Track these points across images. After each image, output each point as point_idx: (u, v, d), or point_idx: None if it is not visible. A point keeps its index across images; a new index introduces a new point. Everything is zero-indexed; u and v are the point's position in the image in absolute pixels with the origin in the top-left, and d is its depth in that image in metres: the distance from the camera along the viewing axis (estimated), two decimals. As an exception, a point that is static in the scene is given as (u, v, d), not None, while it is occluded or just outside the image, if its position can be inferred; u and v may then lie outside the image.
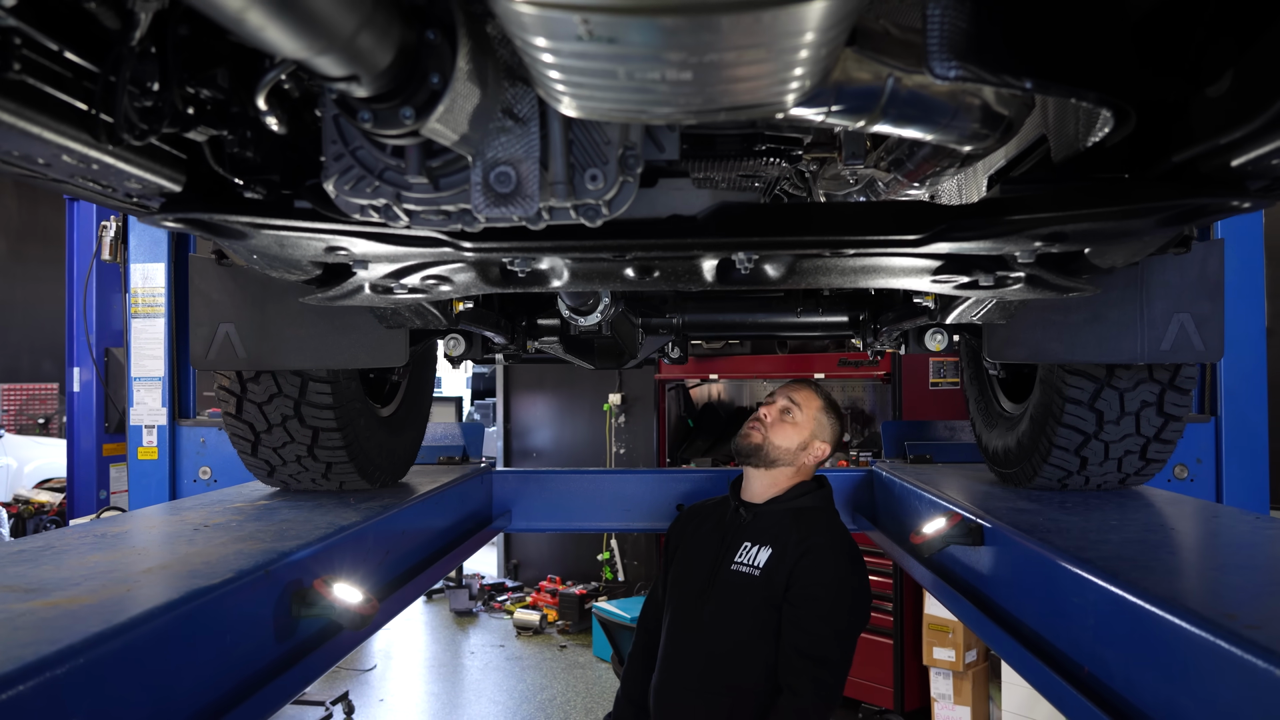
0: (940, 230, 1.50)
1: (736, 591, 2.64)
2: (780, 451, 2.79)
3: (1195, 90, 1.26)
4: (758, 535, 2.71)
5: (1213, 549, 2.18)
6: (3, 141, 1.10)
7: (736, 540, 2.74)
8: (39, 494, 8.77)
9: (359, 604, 1.89)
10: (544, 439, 10.08)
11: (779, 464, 2.80)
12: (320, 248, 1.59)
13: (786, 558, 2.62)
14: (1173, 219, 1.41)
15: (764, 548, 2.67)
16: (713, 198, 1.52)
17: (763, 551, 2.67)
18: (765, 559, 2.65)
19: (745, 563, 2.67)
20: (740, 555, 2.69)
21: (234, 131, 1.33)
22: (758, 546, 2.68)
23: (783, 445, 2.79)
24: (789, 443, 2.79)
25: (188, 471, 3.97)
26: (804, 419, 2.81)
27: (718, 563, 2.72)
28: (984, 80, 1.09)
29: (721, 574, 2.70)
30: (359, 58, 0.89)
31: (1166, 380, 2.49)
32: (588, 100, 0.99)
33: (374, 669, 7.50)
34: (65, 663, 1.18)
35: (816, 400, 2.86)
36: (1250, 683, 1.24)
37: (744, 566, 2.66)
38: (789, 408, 2.81)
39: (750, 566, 2.65)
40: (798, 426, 2.80)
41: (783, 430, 2.79)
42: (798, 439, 2.80)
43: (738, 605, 2.64)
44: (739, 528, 2.77)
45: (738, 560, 2.69)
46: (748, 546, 2.70)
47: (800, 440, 2.80)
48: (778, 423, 2.80)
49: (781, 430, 2.79)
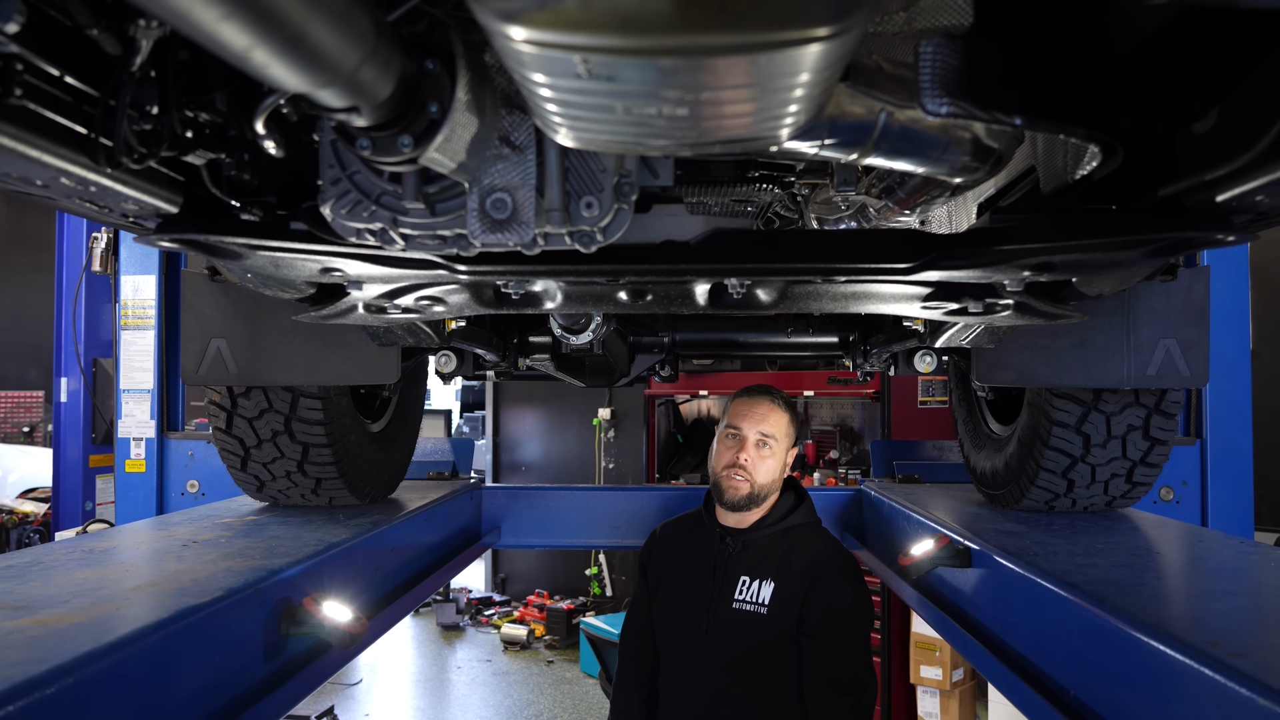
0: (930, 259, 1.52)
1: (744, 631, 2.49)
2: (769, 487, 2.63)
3: (1181, 127, 1.28)
4: (754, 568, 2.56)
5: (1197, 574, 2.19)
6: (2, 165, 1.10)
7: (731, 574, 2.58)
8: (23, 504, 8.69)
9: (348, 622, 1.89)
10: (533, 453, 10.07)
11: (768, 497, 2.65)
12: (315, 269, 1.59)
13: (792, 589, 2.49)
14: (1159, 251, 1.43)
15: (765, 581, 2.52)
16: (706, 224, 1.53)
17: (765, 586, 2.51)
18: (769, 594, 2.50)
19: (749, 600, 2.51)
20: (741, 592, 2.53)
21: (232, 154, 1.34)
22: (758, 581, 2.53)
23: (769, 481, 2.62)
24: (773, 474, 2.63)
25: (175, 484, 3.96)
26: (779, 445, 2.63)
27: (714, 601, 2.56)
28: (974, 116, 1.11)
29: (722, 613, 2.53)
30: (360, 90, 0.90)
31: (1152, 405, 2.51)
32: (585, 132, 1.01)
33: (360, 683, 7.46)
34: (55, 683, 1.18)
35: (783, 415, 2.66)
36: (1232, 710, 1.25)
37: (747, 604, 2.51)
38: (763, 441, 2.61)
39: (756, 604, 2.50)
40: (776, 455, 2.63)
41: (765, 467, 2.61)
42: (778, 466, 2.64)
43: (747, 646, 2.49)
44: (729, 559, 2.60)
45: (739, 598, 2.52)
46: (746, 581, 2.54)
47: (780, 464, 2.65)
48: (758, 461, 2.60)
49: (764, 467, 2.60)
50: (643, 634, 2.75)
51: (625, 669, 2.81)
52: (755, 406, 2.64)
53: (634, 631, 2.80)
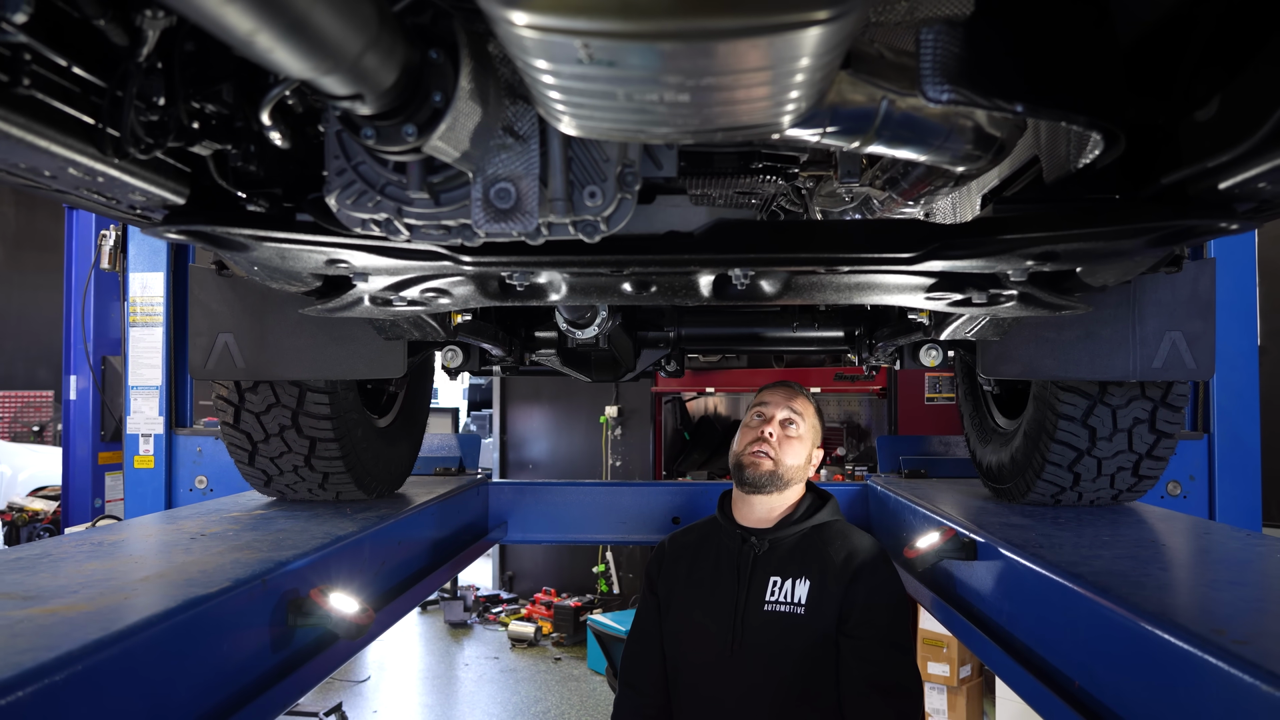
0: (934, 249, 1.52)
1: (780, 634, 2.30)
2: (794, 471, 2.47)
3: (1184, 115, 1.28)
4: (784, 567, 2.37)
5: (1203, 565, 2.19)
6: (11, 154, 1.11)
7: (759, 575, 2.38)
8: (33, 502, 8.74)
9: (355, 613, 1.90)
10: (540, 451, 10.09)
11: (791, 484, 2.48)
12: (321, 260, 1.60)
13: (829, 586, 2.31)
14: (1162, 240, 1.43)
15: (800, 580, 2.33)
16: (709, 214, 1.54)
17: (800, 585, 2.33)
18: (805, 593, 2.31)
19: (783, 600, 2.32)
20: (772, 593, 2.34)
21: (238, 145, 1.35)
22: (791, 579, 2.34)
23: (794, 464, 2.47)
24: (799, 459, 2.48)
25: (184, 480, 3.98)
26: (806, 429, 2.52)
27: (741, 605, 2.35)
28: (976, 103, 1.11)
29: (752, 619, 2.33)
30: (364, 77, 0.91)
31: (1159, 398, 2.51)
32: (587, 120, 1.01)
33: (368, 680, 7.48)
34: (64, 669, 1.19)
35: (810, 404, 2.57)
36: (1237, 697, 1.25)
37: (782, 605, 2.32)
38: (791, 419, 2.49)
39: (791, 604, 2.31)
40: (803, 439, 2.50)
41: (790, 448, 2.47)
42: (804, 453, 2.50)
43: (784, 649, 2.30)
44: (755, 561, 2.40)
45: (771, 599, 2.33)
46: (777, 582, 2.35)
47: (807, 453, 2.51)
48: (784, 440, 2.47)
49: (790, 448, 2.46)
50: (649, 658, 2.52)
51: (626, 699, 2.55)
52: (783, 390, 2.57)
53: (638, 655, 2.56)
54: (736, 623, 2.33)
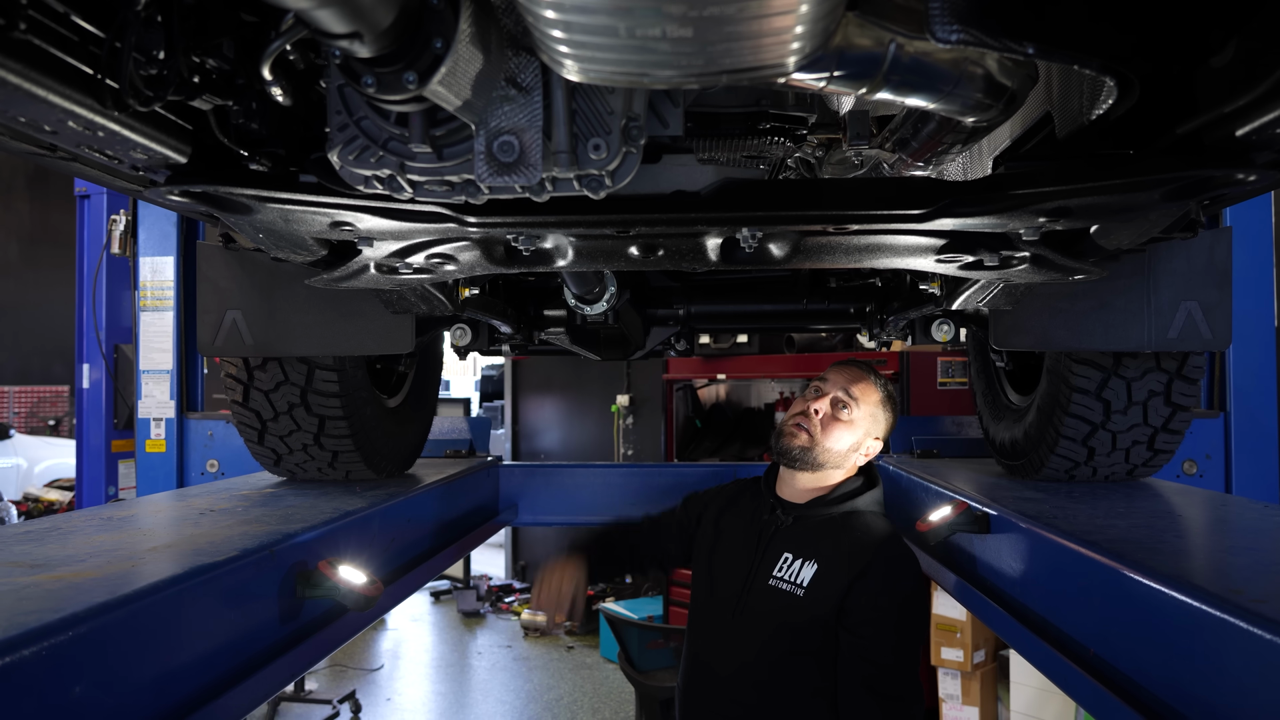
0: (944, 205, 1.50)
1: (775, 610, 2.26)
2: (831, 455, 2.33)
3: (1199, 61, 1.26)
4: (800, 546, 2.29)
5: (1220, 533, 2.16)
6: (10, 105, 1.10)
7: (775, 548, 2.33)
8: (48, 492, 8.83)
9: (363, 585, 1.89)
10: (552, 440, 10.09)
11: (827, 467, 2.35)
12: (325, 223, 1.59)
13: (835, 575, 2.21)
14: (1178, 192, 1.40)
15: (808, 562, 2.26)
16: (717, 173, 1.51)
17: (806, 567, 2.25)
18: (810, 576, 2.24)
19: (786, 579, 2.27)
20: (780, 569, 2.28)
21: (240, 102, 1.34)
22: (800, 560, 2.27)
23: (834, 449, 2.32)
24: (841, 445, 2.33)
25: (195, 464, 3.99)
26: (860, 415, 2.34)
27: (752, 571, 2.33)
28: (985, 45, 1.09)
29: (757, 587, 2.31)
30: (361, 13, 0.90)
31: (1174, 369, 2.48)
32: (590, 62, 1.00)
33: (381, 668, 7.50)
34: (68, 630, 1.19)
35: (875, 392, 2.38)
36: (1256, 655, 1.24)
37: (784, 583, 2.26)
38: (844, 402, 2.33)
39: (792, 584, 2.25)
40: (851, 425, 2.33)
41: (835, 431, 2.32)
42: (850, 440, 2.33)
43: (776, 625, 2.25)
44: (776, 532, 2.35)
45: (777, 575, 2.28)
46: (788, 559, 2.28)
47: (853, 441, 2.34)
48: (830, 421, 2.33)
49: (833, 431, 2.32)
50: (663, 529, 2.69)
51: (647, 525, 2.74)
52: (848, 371, 2.41)
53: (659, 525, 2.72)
54: (744, 588, 2.31)
